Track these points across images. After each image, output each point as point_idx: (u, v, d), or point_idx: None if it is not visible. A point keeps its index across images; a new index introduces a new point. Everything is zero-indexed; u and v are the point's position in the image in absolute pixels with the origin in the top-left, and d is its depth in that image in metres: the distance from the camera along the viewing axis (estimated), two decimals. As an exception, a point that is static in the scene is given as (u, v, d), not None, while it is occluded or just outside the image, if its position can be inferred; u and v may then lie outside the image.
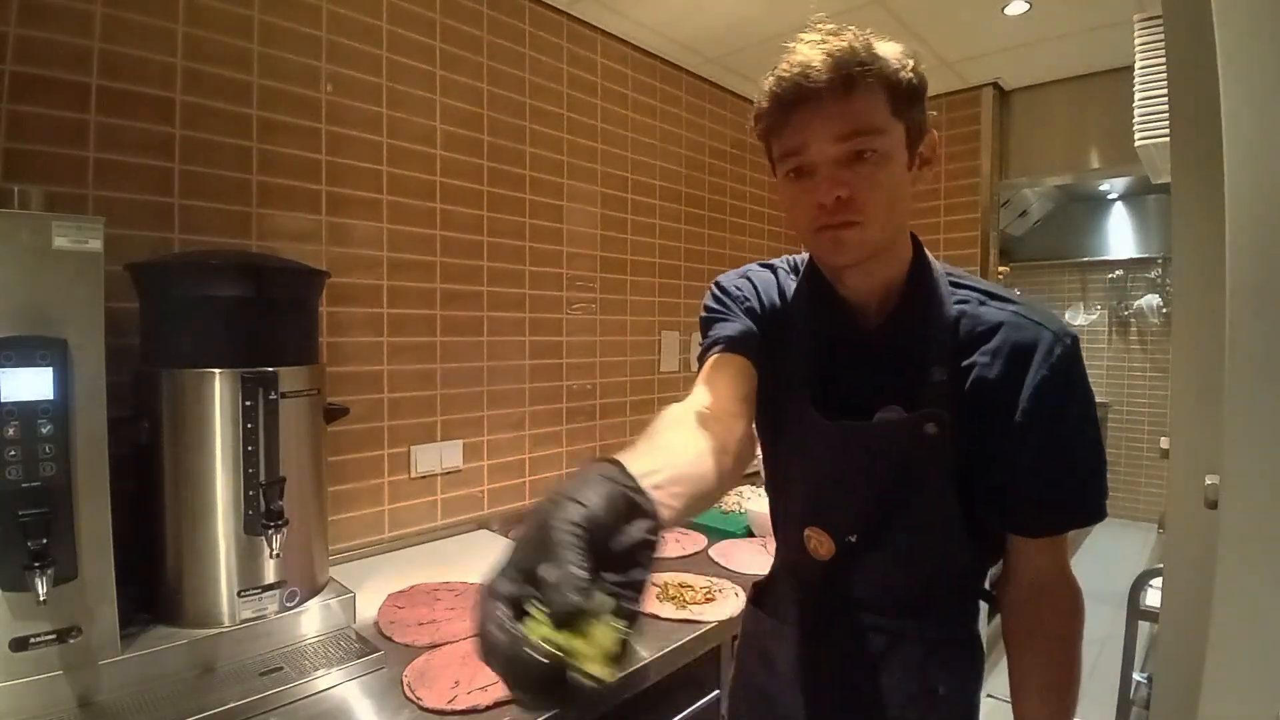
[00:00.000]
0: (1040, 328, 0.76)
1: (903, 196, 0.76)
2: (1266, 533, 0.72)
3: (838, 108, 0.71)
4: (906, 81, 0.75)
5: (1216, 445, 0.74)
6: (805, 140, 0.74)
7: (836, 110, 0.71)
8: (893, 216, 0.76)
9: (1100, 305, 5.27)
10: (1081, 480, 0.78)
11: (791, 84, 0.72)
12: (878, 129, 0.72)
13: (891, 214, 0.75)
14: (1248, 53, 0.71)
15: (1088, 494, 0.79)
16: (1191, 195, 0.82)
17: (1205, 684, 0.73)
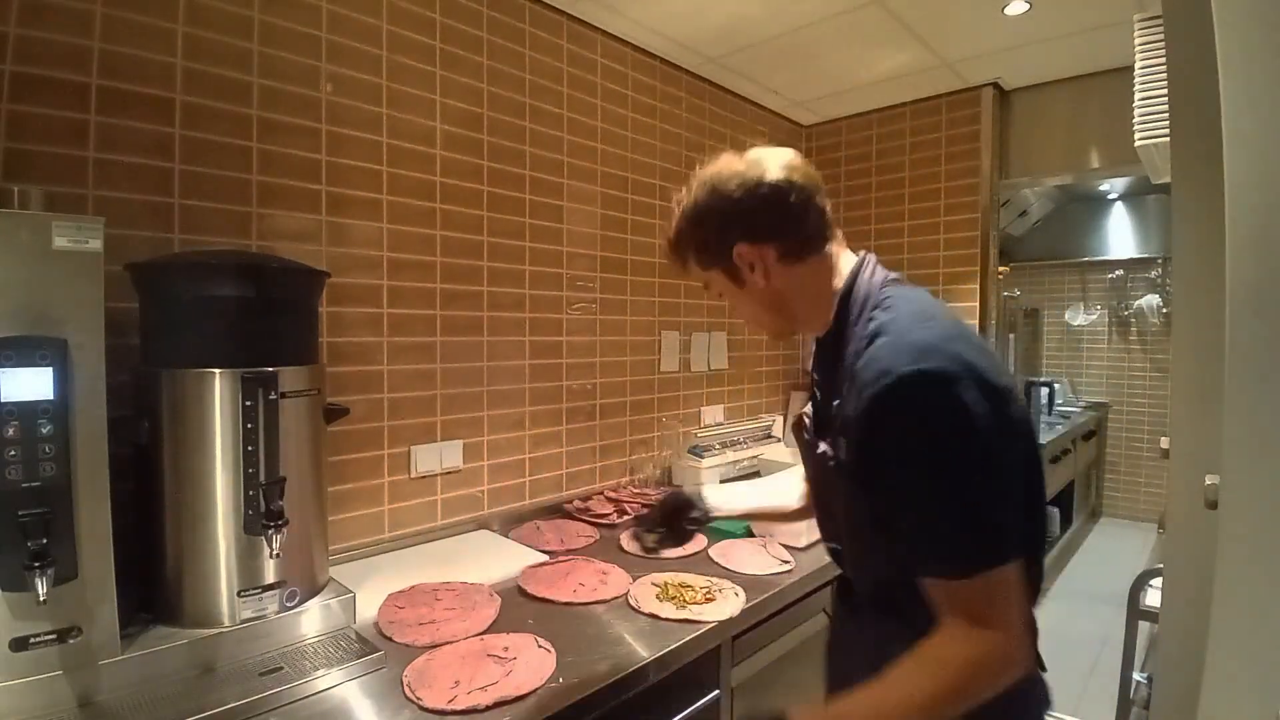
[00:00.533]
0: (881, 360, 0.73)
1: (748, 299, 0.90)
2: (1266, 533, 0.72)
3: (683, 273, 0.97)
4: (691, 239, 0.90)
5: (1216, 445, 0.74)
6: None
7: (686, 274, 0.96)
8: (752, 314, 0.93)
9: (1100, 305, 5.27)
10: (911, 529, 0.74)
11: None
12: (705, 283, 0.95)
13: (764, 316, 0.92)
14: (1248, 53, 0.71)
15: (921, 546, 0.73)
16: (1191, 195, 0.82)
17: (1205, 684, 0.73)
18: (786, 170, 0.85)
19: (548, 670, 1.09)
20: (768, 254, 0.85)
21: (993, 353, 0.80)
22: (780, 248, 0.85)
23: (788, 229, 0.85)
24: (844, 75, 2.56)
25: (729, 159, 0.88)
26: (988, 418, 0.70)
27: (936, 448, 0.71)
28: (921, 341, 0.73)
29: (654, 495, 2.13)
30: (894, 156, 2.87)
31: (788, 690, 1.58)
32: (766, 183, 0.84)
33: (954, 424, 0.70)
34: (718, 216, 0.86)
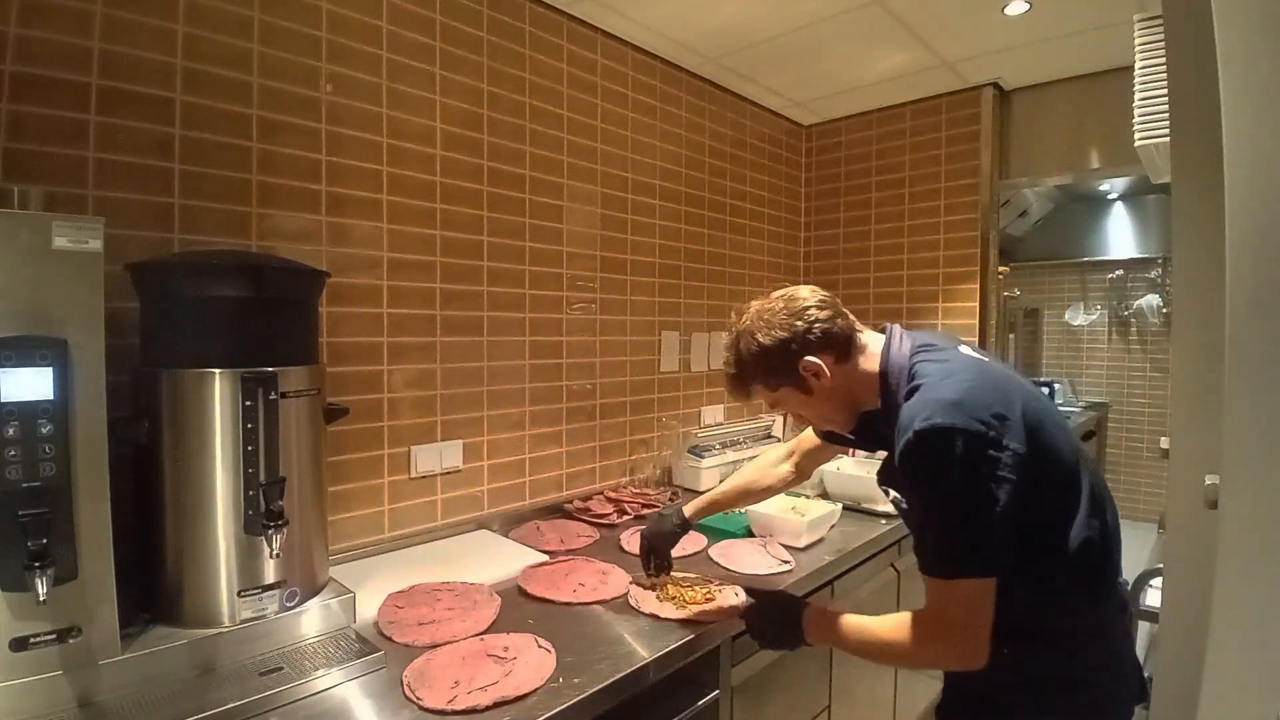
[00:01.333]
0: (904, 421, 0.95)
1: (818, 402, 1.11)
2: (1266, 533, 0.72)
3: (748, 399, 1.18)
4: (761, 369, 1.10)
5: (1216, 445, 0.74)
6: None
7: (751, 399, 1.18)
8: (825, 413, 1.15)
9: (1100, 305, 5.26)
10: (918, 540, 1.00)
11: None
12: (772, 402, 1.16)
13: (823, 413, 1.15)
14: (1248, 53, 0.71)
15: (919, 550, 0.99)
16: (1191, 195, 0.82)
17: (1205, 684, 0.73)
18: (817, 296, 1.10)
19: (548, 670, 1.09)
20: (826, 359, 1.07)
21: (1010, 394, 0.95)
22: (833, 354, 1.07)
23: (832, 338, 1.07)
24: (844, 75, 2.56)
25: (764, 304, 1.12)
26: (977, 463, 0.89)
27: (936, 484, 0.92)
28: (934, 400, 0.93)
29: (654, 495, 2.13)
30: (894, 156, 2.87)
31: (788, 690, 1.58)
32: (809, 307, 1.08)
33: (948, 468, 0.90)
34: (780, 345, 1.07)
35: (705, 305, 2.61)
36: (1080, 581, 0.98)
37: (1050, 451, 0.95)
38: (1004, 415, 0.91)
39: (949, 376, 0.96)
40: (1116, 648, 1.01)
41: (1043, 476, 0.93)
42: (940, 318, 2.75)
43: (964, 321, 2.69)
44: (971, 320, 2.67)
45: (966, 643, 0.92)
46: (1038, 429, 0.94)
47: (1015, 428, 0.91)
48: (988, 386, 0.94)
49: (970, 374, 0.96)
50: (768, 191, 2.94)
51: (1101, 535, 0.98)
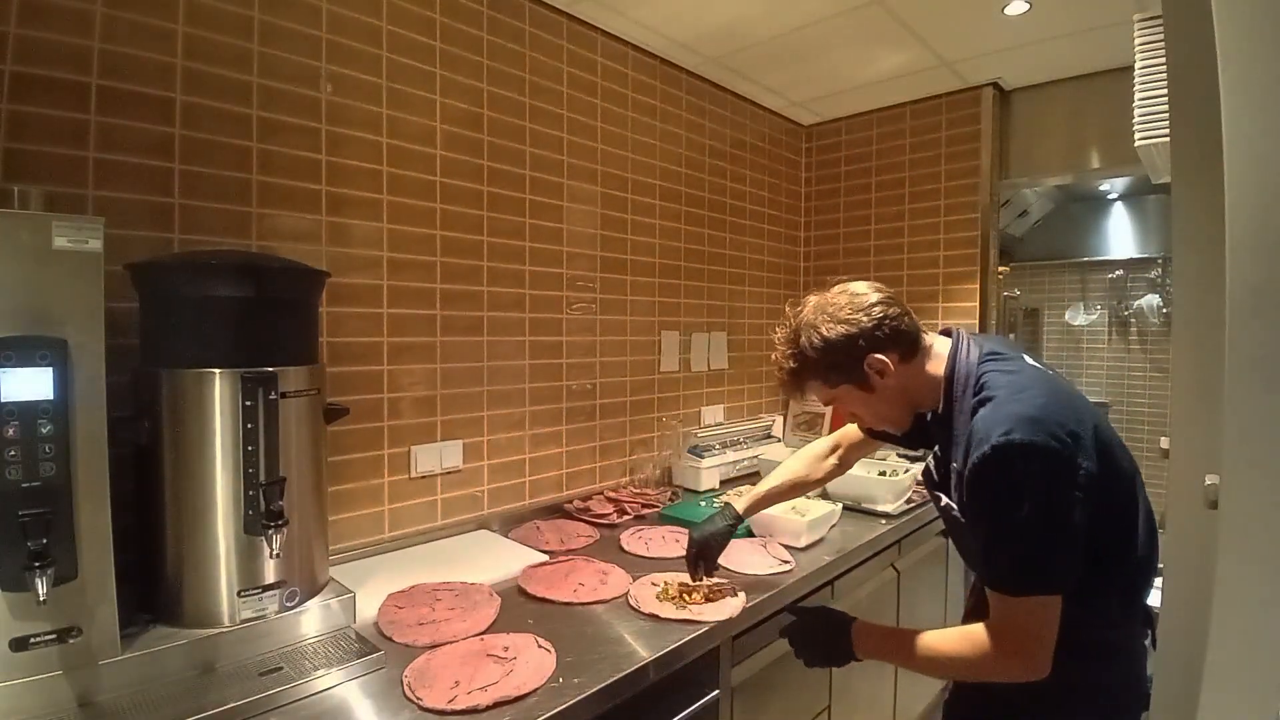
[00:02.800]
0: (982, 433, 0.93)
1: (878, 401, 1.09)
2: (1266, 533, 0.72)
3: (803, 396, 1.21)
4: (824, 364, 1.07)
5: (1216, 445, 0.74)
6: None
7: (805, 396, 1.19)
8: (883, 413, 1.12)
9: (1100, 305, 5.26)
10: (986, 554, 0.96)
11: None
12: (829, 400, 1.14)
13: (892, 412, 1.11)
14: (1248, 53, 0.71)
15: (988, 564, 0.97)
16: (1191, 195, 0.82)
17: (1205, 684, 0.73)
18: (881, 293, 1.08)
19: (548, 670, 1.09)
20: (892, 357, 1.05)
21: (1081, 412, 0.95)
22: (898, 352, 1.05)
23: (900, 335, 1.05)
24: (844, 75, 2.56)
25: (825, 297, 1.09)
26: (1054, 480, 0.89)
27: (1013, 499, 0.90)
28: (1013, 414, 0.91)
29: (654, 495, 2.13)
30: (894, 156, 2.87)
31: (788, 690, 1.58)
32: (876, 303, 1.05)
33: (1026, 483, 0.89)
34: (845, 339, 1.04)
35: (705, 305, 2.61)
36: (1127, 598, 1.00)
37: (1117, 472, 0.96)
38: (1078, 433, 0.91)
39: (1024, 390, 0.95)
40: (1137, 660, 1.02)
41: (1111, 497, 0.94)
42: (940, 318, 2.75)
43: (964, 321, 2.69)
44: (972, 320, 2.67)
45: (1033, 657, 0.92)
46: (1107, 449, 0.95)
47: (1088, 446, 0.92)
48: (1062, 403, 0.94)
49: (1043, 389, 0.95)
50: (768, 191, 2.94)
51: (1153, 552, 0.99)
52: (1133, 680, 1.02)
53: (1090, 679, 0.99)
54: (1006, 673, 0.96)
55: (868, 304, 1.05)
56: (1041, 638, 0.92)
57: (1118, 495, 0.96)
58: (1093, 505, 0.91)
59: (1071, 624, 0.95)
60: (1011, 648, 0.93)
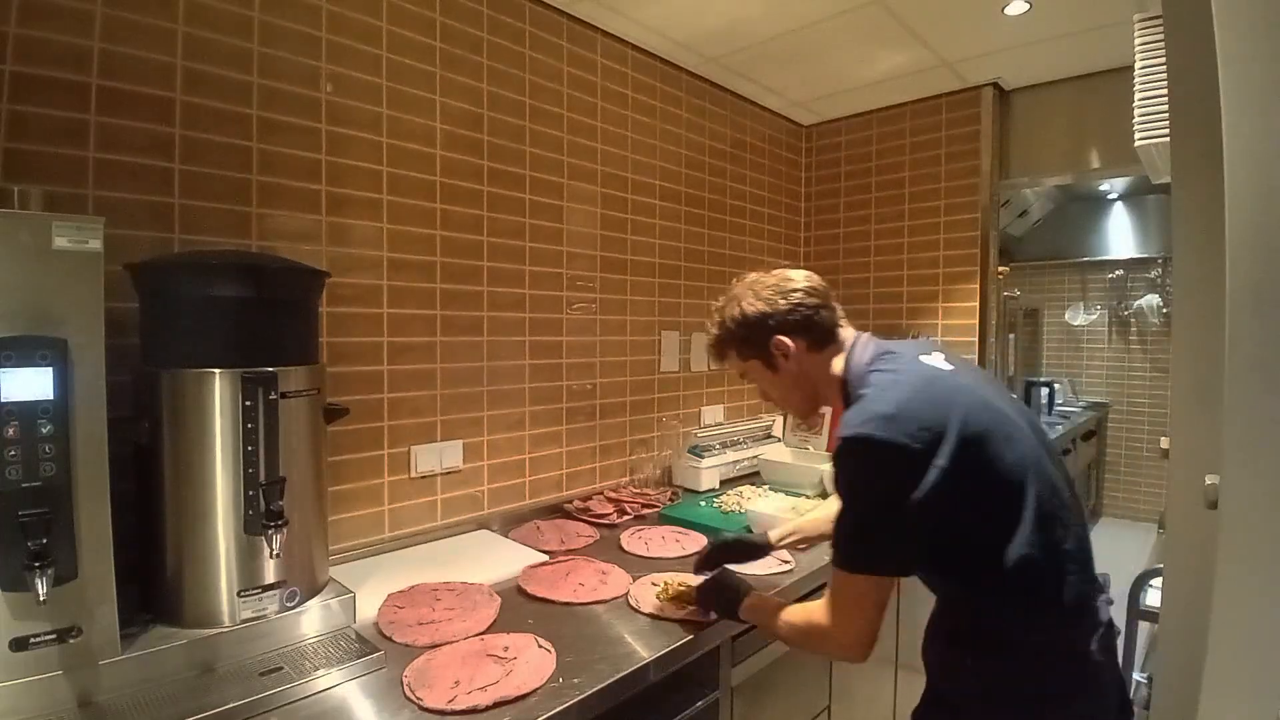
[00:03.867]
0: (843, 425, 0.99)
1: (781, 382, 1.16)
2: (1266, 533, 0.72)
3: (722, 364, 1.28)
4: (736, 335, 1.16)
5: (1216, 445, 0.74)
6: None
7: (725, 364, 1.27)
8: (785, 396, 1.19)
9: (1100, 305, 5.27)
10: (833, 532, 1.02)
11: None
12: (741, 372, 1.22)
13: (793, 396, 1.18)
14: (1248, 53, 0.71)
15: (833, 541, 1.02)
16: (1191, 195, 0.82)
17: (1205, 684, 0.73)
18: (809, 283, 1.14)
19: (548, 670, 1.09)
20: (799, 344, 1.11)
21: (949, 411, 0.95)
22: (806, 340, 1.12)
23: (810, 325, 1.11)
24: (844, 75, 2.56)
25: (759, 276, 1.17)
26: (893, 474, 0.93)
27: (853, 486, 0.99)
28: (869, 410, 0.97)
29: (654, 495, 2.13)
30: (894, 156, 2.87)
31: (788, 690, 1.58)
32: (797, 290, 1.12)
33: (865, 474, 0.97)
34: (759, 317, 1.12)
35: (706, 305, 2.59)
36: (1030, 598, 0.96)
37: (990, 468, 0.95)
38: (939, 432, 0.93)
39: (889, 389, 0.99)
40: (1094, 670, 0.97)
41: (978, 491, 0.94)
42: (940, 318, 2.75)
43: (964, 321, 2.69)
44: (971, 320, 2.67)
45: (846, 633, 1.00)
46: (977, 444, 0.94)
47: (948, 445, 0.93)
48: (927, 400, 0.96)
49: (913, 387, 0.98)
50: (768, 191, 2.94)
51: (1048, 553, 0.95)
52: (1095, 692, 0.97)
53: (1034, 687, 0.97)
54: (825, 642, 1.04)
55: (789, 289, 1.12)
56: (863, 613, 0.98)
57: (991, 490, 0.95)
58: (946, 499, 0.92)
59: (992, 624, 0.99)
60: (835, 620, 1.00)
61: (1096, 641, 0.97)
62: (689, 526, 1.86)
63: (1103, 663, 0.97)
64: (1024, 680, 0.97)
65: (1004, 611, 0.98)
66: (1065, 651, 0.97)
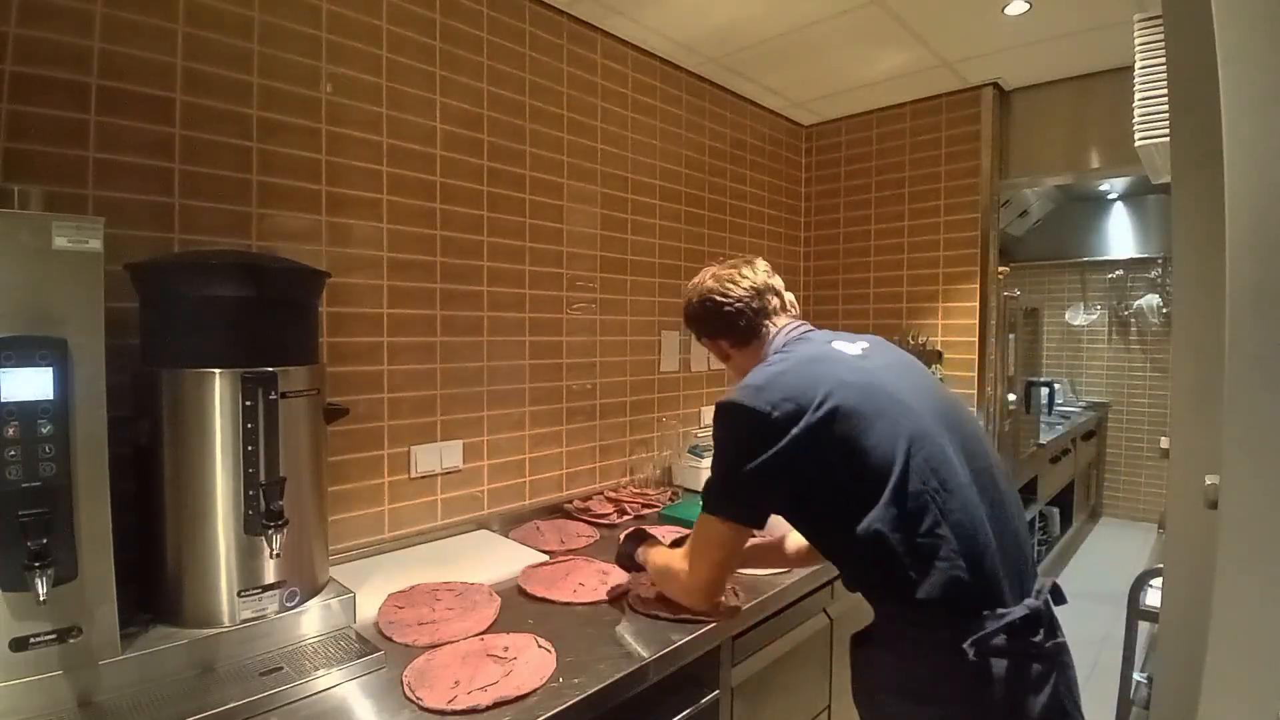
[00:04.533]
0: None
1: (734, 367, 1.30)
2: (1266, 533, 0.72)
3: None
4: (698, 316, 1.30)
5: (1216, 445, 0.74)
6: None
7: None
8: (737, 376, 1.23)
9: (1100, 305, 5.27)
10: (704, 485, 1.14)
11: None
12: (706, 348, 1.37)
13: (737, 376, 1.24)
14: (1248, 53, 0.71)
15: (703, 493, 1.14)
16: (1191, 195, 0.82)
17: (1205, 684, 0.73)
18: (753, 281, 1.26)
19: (548, 670, 1.09)
20: (722, 342, 1.29)
21: (819, 387, 1.03)
22: (728, 340, 1.28)
23: (732, 331, 1.27)
24: (844, 75, 2.56)
25: (726, 268, 1.30)
26: (751, 434, 1.04)
27: (718, 442, 1.13)
28: (746, 382, 1.10)
29: (654, 495, 2.13)
30: (894, 156, 2.87)
31: (788, 690, 1.58)
32: (723, 301, 1.25)
33: (727, 432, 1.11)
34: (694, 317, 1.32)
35: (705, 305, 2.61)
36: (885, 579, 0.99)
37: (851, 443, 1.00)
38: (800, 404, 1.02)
39: (773, 364, 1.13)
40: (972, 675, 0.90)
41: (837, 462, 1.00)
42: (940, 318, 2.75)
43: (964, 321, 2.69)
44: (971, 320, 2.67)
45: (694, 577, 1.17)
46: (842, 419, 1.00)
47: (811, 419, 1.00)
48: (800, 376, 1.06)
49: (791, 365, 1.10)
50: (768, 191, 2.94)
51: (905, 535, 0.95)
52: (904, 670, 0.98)
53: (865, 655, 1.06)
54: (673, 581, 1.21)
55: (720, 298, 1.26)
56: (712, 560, 1.14)
57: (853, 466, 0.99)
58: (807, 466, 1.02)
59: (849, 583, 1.10)
60: (689, 563, 1.17)
61: (979, 644, 0.90)
62: (689, 526, 1.86)
63: (986, 671, 0.90)
64: (892, 663, 1.00)
65: (865, 586, 1.07)
66: (929, 642, 0.95)
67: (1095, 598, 3.54)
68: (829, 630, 1.71)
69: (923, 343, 2.75)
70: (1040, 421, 3.71)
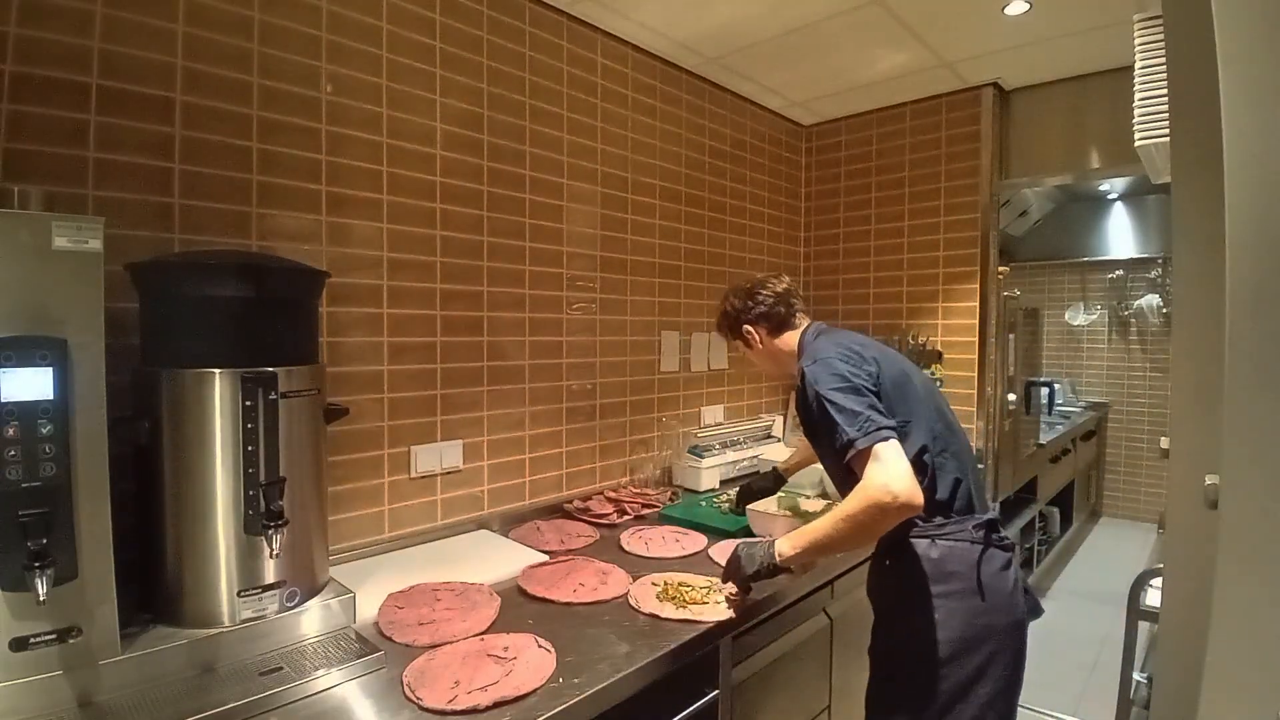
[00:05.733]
0: (799, 368, 1.37)
1: (758, 357, 1.61)
2: (1266, 533, 0.72)
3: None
4: (725, 324, 1.62)
5: (1216, 445, 0.74)
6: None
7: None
8: (762, 365, 1.65)
9: (1100, 305, 5.27)
10: (832, 437, 1.24)
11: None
12: (732, 346, 1.68)
13: (768, 366, 1.63)
14: (1248, 53, 0.71)
15: (838, 444, 1.23)
16: (1191, 195, 0.82)
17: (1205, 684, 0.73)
18: (776, 288, 1.55)
19: (548, 670, 1.09)
20: (760, 330, 1.56)
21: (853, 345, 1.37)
22: (767, 327, 1.55)
23: (767, 317, 1.55)
24: (844, 75, 2.56)
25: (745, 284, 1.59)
26: (835, 371, 1.28)
27: (823, 389, 1.27)
28: (816, 349, 1.38)
29: (654, 495, 2.13)
30: (894, 156, 2.87)
31: (788, 690, 1.58)
32: (764, 295, 1.55)
33: (830, 373, 1.28)
34: (735, 311, 1.58)
35: (705, 305, 2.61)
36: (936, 489, 1.29)
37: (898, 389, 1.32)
38: (860, 352, 1.33)
39: (827, 341, 1.41)
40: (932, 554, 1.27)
41: (893, 396, 1.31)
42: (940, 317, 2.75)
43: (964, 321, 2.69)
44: (971, 320, 2.67)
45: (893, 485, 1.15)
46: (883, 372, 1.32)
47: (869, 363, 1.32)
48: (856, 342, 1.38)
49: (845, 340, 1.40)
50: (768, 191, 2.94)
51: (932, 458, 1.30)
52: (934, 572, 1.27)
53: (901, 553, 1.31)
54: (880, 509, 1.16)
55: (762, 293, 1.55)
56: (895, 467, 1.17)
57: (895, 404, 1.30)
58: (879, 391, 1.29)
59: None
60: (878, 485, 1.16)
61: (978, 529, 1.29)
62: (689, 526, 1.86)
63: (980, 554, 1.27)
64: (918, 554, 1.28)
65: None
66: (949, 532, 1.28)
67: (1095, 598, 3.54)
68: (829, 630, 1.71)
69: (923, 343, 2.75)
70: (1040, 421, 3.71)
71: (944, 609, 1.25)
